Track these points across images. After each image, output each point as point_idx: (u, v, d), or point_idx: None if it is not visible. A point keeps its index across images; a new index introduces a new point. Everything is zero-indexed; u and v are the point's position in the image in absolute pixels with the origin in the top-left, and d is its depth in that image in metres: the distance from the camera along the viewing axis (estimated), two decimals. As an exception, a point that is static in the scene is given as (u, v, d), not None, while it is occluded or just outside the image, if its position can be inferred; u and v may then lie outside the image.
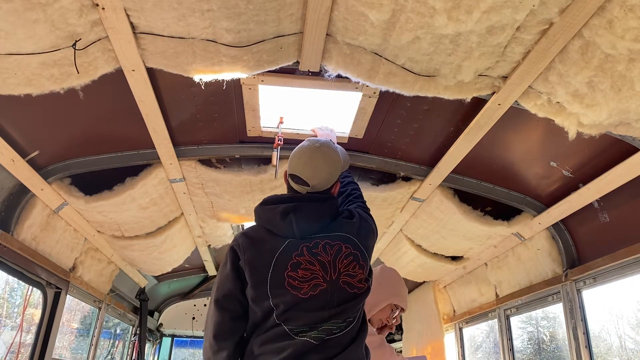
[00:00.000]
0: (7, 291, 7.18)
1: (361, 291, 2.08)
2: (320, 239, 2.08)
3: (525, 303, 4.31)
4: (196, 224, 4.63)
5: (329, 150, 2.22)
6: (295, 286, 1.98)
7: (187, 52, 2.34)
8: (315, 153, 2.19)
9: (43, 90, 2.40)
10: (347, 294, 2.03)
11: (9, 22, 1.98)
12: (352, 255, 2.08)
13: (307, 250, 2.03)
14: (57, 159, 3.31)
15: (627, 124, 2.40)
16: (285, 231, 2.08)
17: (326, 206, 2.15)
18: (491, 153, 3.36)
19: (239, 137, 3.43)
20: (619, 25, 1.90)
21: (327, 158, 2.19)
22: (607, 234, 3.31)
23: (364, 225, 2.23)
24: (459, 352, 5.74)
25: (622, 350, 11.02)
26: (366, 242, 2.19)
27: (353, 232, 2.15)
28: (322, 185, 2.19)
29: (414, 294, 6.61)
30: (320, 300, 1.98)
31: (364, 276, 2.09)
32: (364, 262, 2.11)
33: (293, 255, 2.02)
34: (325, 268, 2.02)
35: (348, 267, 2.06)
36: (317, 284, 1.99)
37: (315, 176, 2.16)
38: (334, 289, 2.00)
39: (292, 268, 2.00)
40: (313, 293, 1.98)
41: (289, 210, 2.06)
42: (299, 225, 2.06)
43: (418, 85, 2.54)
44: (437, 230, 4.32)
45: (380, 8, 2.06)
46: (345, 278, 2.04)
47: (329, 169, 2.19)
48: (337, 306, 1.99)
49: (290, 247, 2.04)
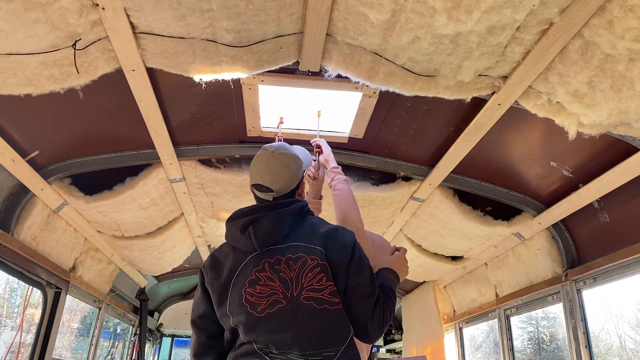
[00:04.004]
0: (7, 291, 7.18)
1: (334, 307, 1.84)
2: (282, 253, 1.92)
3: (525, 303, 4.31)
4: (196, 224, 4.63)
5: (285, 151, 2.17)
6: (253, 302, 1.85)
7: (187, 52, 2.34)
8: (272, 158, 2.13)
9: (43, 90, 2.40)
10: (314, 311, 1.82)
11: (9, 22, 1.98)
12: (318, 267, 1.87)
13: (269, 265, 1.90)
14: (57, 159, 3.31)
15: (627, 124, 2.40)
16: (246, 246, 1.97)
17: (289, 211, 2.00)
18: (491, 153, 3.36)
19: (239, 137, 3.43)
20: (619, 25, 1.90)
21: (285, 159, 2.14)
22: (607, 234, 3.31)
23: (338, 237, 1.99)
24: (459, 352, 5.75)
25: (622, 350, 11.01)
26: (335, 256, 1.92)
27: (320, 241, 1.94)
28: (285, 187, 2.10)
29: (413, 294, 6.61)
30: (280, 319, 1.81)
31: (334, 289, 1.86)
32: (332, 273, 1.88)
33: (253, 271, 1.90)
34: (287, 285, 1.85)
35: (313, 280, 1.85)
36: (275, 300, 1.83)
37: (277, 180, 2.09)
38: (295, 307, 1.82)
39: (249, 284, 1.88)
40: (270, 311, 1.82)
41: (247, 224, 1.96)
42: (257, 238, 1.93)
43: (418, 85, 2.54)
44: (437, 230, 4.32)
45: (380, 8, 2.06)
46: (308, 293, 1.84)
47: (289, 170, 2.12)
48: (303, 326, 1.80)
49: (250, 262, 1.93)
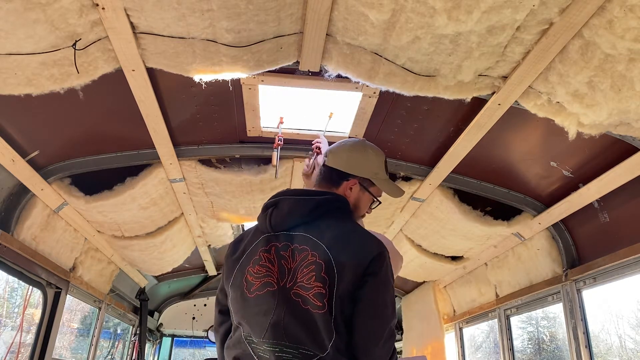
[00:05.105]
0: (7, 291, 7.18)
1: (316, 310, 1.66)
2: (291, 241, 1.83)
3: (525, 303, 4.31)
4: (196, 224, 4.63)
5: (370, 145, 2.20)
6: (250, 282, 1.81)
7: (187, 52, 2.34)
8: (364, 144, 2.18)
9: (43, 90, 2.40)
10: (299, 310, 1.69)
11: (9, 22, 1.98)
12: (313, 265, 1.72)
13: (275, 249, 1.84)
14: (57, 159, 3.31)
15: (627, 124, 2.40)
16: (262, 225, 1.93)
17: (313, 201, 1.89)
18: (491, 153, 3.36)
19: (239, 137, 3.43)
20: (619, 25, 1.90)
21: (363, 147, 2.15)
22: (607, 234, 3.31)
23: (356, 239, 1.83)
24: (459, 352, 5.74)
25: (622, 350, 11.02)
26: (342, 258, 1.74)
27: (330, 239, 1.79)
28: (333, 163, 2.08)
29: (413, 294, 6.61)
30: (264, 302, 1.74)
31: (322, 292, 1.68)
32: (326, 275, 1.70)
33: (260, 251, 1.86)
34: (284, 273, 1.77)
35: (304, 277, 1.72)
36: (267, 282, 1.76)
37: (339, 152, 2.11)
38: (282, 298, 1.72)
39: (252, 264, 1.85)
40: (259, 293, 1.76)
41: (270, 205, 1.94)
42: (271, 219, 1.88)
43: (418, 85, 2.54)
44: (437, 230, 4.32)
45: (380, 8, 2.06)
46: (297, 290, 1.72)
47: (353, 154, 2.11)
48: (284, 318, 1.68)
49: (261, 242, 1.89)
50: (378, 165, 2.14)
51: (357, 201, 2.08)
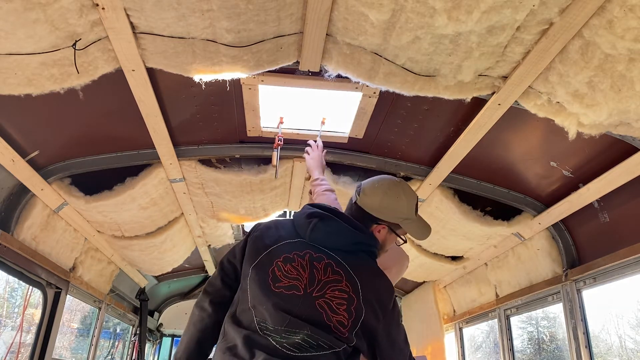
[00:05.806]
0: (7, 291, 7.18)
1: (337, 332, 1.81)
2: (327, 257, 1.93)
3: (525, 303, 4.31)
4: (196, 224, 4.63)
5: (403, 188, 2.20)
6: (277, 276, 1.89)
7: (187, 52, 2.34)
8: (398, 188, 2.17)
9: (43, 90, 2.40)
10: (320, 320, 1.81)
11: (9, 22, 1.98)
12: (346, 295, 1.86)
13: (309, 257, 1.93)
14: (57, 159, 3.31)
15: (627, 124, 2.40)
16: (302, 230, 2.01)
17: (357, 237, 2.01)
18: (491, 153, 3.36)
19: (239, 137, 3.43)
20: (619, 25, 1.90)
21: (396, 193, 2.15)
22: (607, 234, 3.31)
23: (379, 283, 1.98)
24: (459, 352, 5.74)
25: (622, 350, 11.02)
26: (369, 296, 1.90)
27: (364, 278, 1.93)
28: (365, 205, 2.12)
29: (413, 294, 6.61)
30: (288, 302, 1.83)
31: (345, 322, 1.83)
32: (355, 310, 1.85)
33: (293, 252, 1.94)
34: (313, 282, 1.87)
35: (334, 299, 1.85)
36: (295, 285, 1.86)
37: (373, 195, 2.12)
38: (307, 305, 1.83)
39: (283, 260, 1.92)
40: (285, 292, 1.85)
41: (317, 215, 2.02)
42: (314, 233, 1.98)
43: (418, 85, 2.54)
44: (437, 230, 4.32)
45: (380, 8, 2.06)
46: (323, 303, 1.84)
47: (385, 200, 2.12)
48: (303, 320, 1.80)
49: (297, 245, 1.97)
50: (408, 210, 2.18)
51: (384, 242, 2.20)
